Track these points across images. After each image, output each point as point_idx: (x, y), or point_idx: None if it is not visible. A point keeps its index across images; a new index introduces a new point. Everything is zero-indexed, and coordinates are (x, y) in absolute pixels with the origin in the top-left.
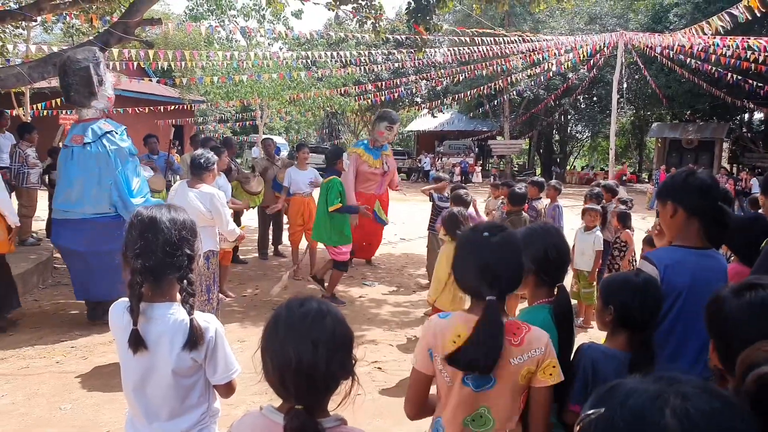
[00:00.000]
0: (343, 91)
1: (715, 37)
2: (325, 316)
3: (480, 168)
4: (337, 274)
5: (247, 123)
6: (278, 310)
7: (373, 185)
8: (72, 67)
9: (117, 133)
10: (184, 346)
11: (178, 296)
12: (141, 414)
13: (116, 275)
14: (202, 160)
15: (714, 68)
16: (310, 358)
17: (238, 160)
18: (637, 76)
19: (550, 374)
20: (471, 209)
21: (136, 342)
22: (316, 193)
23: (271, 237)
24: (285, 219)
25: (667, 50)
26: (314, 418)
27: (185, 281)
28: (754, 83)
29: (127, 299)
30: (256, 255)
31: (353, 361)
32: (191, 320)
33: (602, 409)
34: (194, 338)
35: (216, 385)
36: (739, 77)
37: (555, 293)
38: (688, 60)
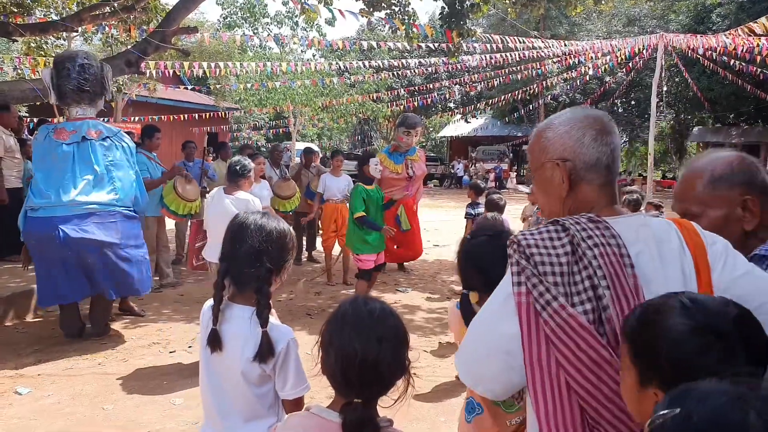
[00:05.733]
0: (375, 97)
1: (760, 38)
2: (389, 315)
3: (515, 174)
4: (360, 285)
5: (281, 130)
6: (343, 307)
7: (398, 190)
8: (89, 63)
9: (124, 133)
10: (254, 358)
11: None
12: (215, 412)
13: (127, 272)
14: (238, 167)
15: (759, 70)
16: (374, 353)
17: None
18: (677, 79)
19: None
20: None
21: (214, 341)
22: None
23: (305, 242)
24: (318, 225)
25: (709, 52)
26: (372, 413)
27: (260, 293)
28: None
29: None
30: None
31: (408, 362)
32: (263, 332)
33: (677, 409)
34: (263, 351)
35: (284, 401)
36: None
37: None
38: (732, 62)
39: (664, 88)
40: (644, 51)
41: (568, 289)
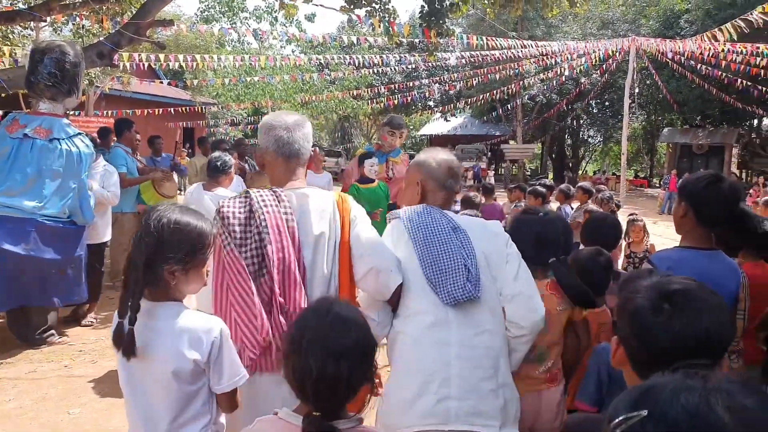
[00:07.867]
0: (355, 94)
1: (725, 43)
2: (351, 327)
3: (493, 172)
4: None
5: (259, 126)
6: (305, 314)
7: None
8: (65, 59)
9: (85, 137)
10: (187, 348)
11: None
12: (140, 424)
13: (47, 283)
14: (218, 163)
15: (724, 74)
16: (332, 370)
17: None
18: (648, 82)
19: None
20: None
21: (129, 344)
22: None
23: None
24: None
25: (678, 56)
26: (331, 422)
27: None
28: (764, 89)
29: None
30: None
31: (374, 369)
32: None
33: (644, 411)
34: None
35: (219, 396)
36: (749, 83)
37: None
38: (699, 66)
39: (636, 90)
40: (617, 54)
41: (244, 235)
